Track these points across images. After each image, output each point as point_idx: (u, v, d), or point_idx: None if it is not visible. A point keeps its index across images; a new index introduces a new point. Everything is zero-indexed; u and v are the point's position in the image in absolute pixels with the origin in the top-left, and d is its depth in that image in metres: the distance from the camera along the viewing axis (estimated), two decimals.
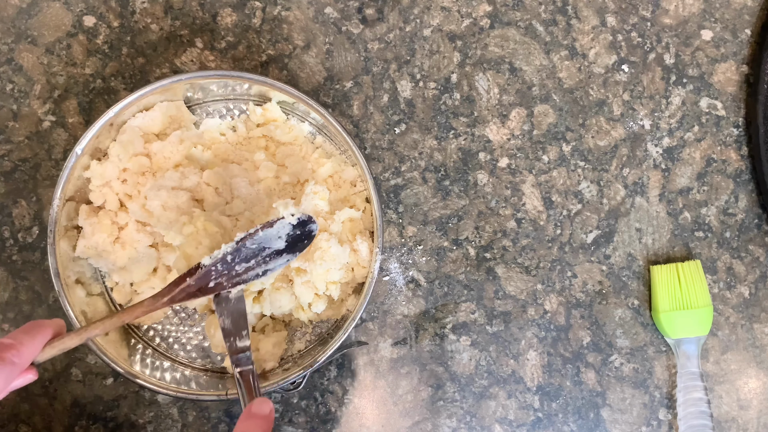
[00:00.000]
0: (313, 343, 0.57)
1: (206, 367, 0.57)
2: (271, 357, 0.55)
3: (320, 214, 0.54)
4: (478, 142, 0.61)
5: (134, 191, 0.54)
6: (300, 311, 0.55)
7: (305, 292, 0.54)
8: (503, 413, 0.60)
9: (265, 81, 0.53)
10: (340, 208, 0.54)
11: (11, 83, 0.59)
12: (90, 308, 0.53)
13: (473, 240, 0.60)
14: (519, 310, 0.60)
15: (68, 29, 0.59)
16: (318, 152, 0.57)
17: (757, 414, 0.61)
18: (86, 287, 0.54)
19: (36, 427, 0.58)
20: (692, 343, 0.59)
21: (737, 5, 0.62)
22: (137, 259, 0.54)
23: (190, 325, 0.57)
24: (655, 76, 0.62)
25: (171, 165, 0.54)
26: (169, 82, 0.52)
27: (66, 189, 0.51)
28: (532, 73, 0.61)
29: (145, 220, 0.54)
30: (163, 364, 0.55)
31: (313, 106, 0.53)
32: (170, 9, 0.60)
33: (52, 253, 0.51)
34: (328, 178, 0.56)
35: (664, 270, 0.59)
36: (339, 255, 0.53)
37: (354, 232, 0.55)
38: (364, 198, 0.56)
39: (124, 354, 0.53)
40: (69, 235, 0.53)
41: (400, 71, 0.61)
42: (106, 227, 0.53)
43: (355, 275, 0.55)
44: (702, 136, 0.62)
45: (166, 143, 0.55)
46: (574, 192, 0.61)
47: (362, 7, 0.61)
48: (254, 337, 0.55)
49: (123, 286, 0.56)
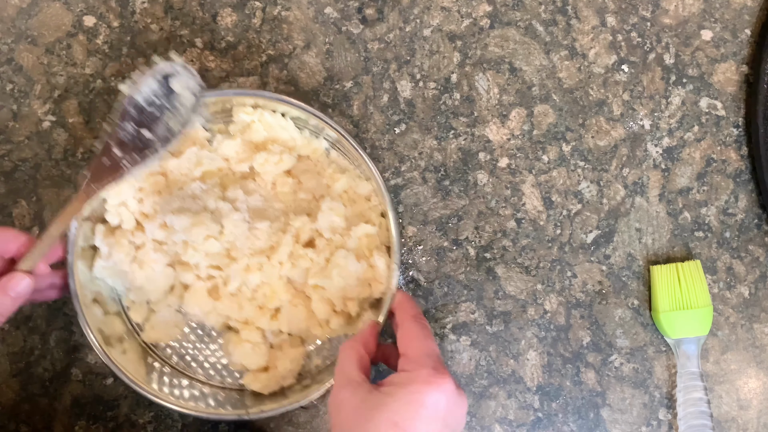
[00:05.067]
0: (330, 359, 0.57)
1: (224, 385, 0.57)
2: (289, 374, 0.55)
3: (337, 231, 0.54)
4: (478, 142, 0.61)
5: (151, 210, 0.53)
6: (317, 328, 0.55)
7: (322, 308, 0.53)
8: (503, 413, 0.60)
9: (280, 98, 0.53)
10: (356, 224, 0.54)
11: (11, 83, 0.59)
12: (107, 327, 0.53)
13: (473, 240, 0.60)
14: (519, 310, 0.60)
15: (68, 29, 0.59)
16: (332, 167, 0.57)
17: (757, 414, 0.61)
18: (103, 306, 0.54)
19: (36, 427, 0.58)
20: (692, 343, 0.59)
21: (737, 5, 0.62)
22: (154, 278, 0.54)
23: (207, 343, 0.57)
24: (655, 76, 0.62)
25: (188, 182, 0.54)
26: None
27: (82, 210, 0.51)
28: (532, 73, 0.61)
29: (162, 239, 0.54)
30: (181, 382, 0.55)
31: (327, 122, 0.52)
32: (170, 9, 0.60)
33: (71, 274, 0.51)
34: (343, 193, 0.56)
35: (664, 270, 0.59)
36: (356, 271, 0.52)
37: (370, 248, 0.54)
38: (379, 212, 0.56)
39: (142, 372, 0.53)
40: (85, 255, 0.53)
41: (400, 71, 0.61)
42: (124, 247, 0.53)
43: (372, 291, 0.54)
44: (702, 136, 0.62)
45: (182, 160, 0.54)
46: (574, 192, 0.61)
47: (362, 7, 0.61)
48: (272, 354, 0.55)
49: (140, 304, 0.56)
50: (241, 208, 0.54)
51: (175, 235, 0.52)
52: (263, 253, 0.54)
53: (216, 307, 0.55)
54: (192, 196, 0.53)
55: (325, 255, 0.54)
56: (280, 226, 0.54)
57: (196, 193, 0.53)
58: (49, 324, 0.58)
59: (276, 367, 0.55)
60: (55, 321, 0.58)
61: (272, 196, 0.55)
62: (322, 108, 0.60)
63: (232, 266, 0.54)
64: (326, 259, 0.54)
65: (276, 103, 0.53)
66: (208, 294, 0.55)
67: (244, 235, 0.53)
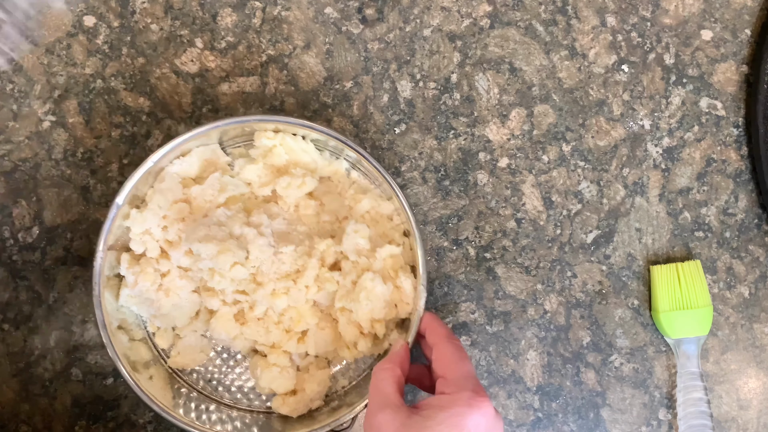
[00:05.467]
0: (356, 379, 0.57)
1: (251, 408, 0.56)
2: (317, 396, 0.55)
3: (362, 253, 0.53)
4: (478, 142, 0.61)
5: (175, 238, 0.53)
6: (345, 350, 0.54)
7: (350, 331, 0.53)
8: (503, 413, 0.60)
9: (302, 123, 0.53)
10: (380, 245, 0.54)
11: (11, 83, 0.59)
12: (133, 353, 0.53)
13: (473, 240, 0.60)
14: (519, 310, 0.60)
15: (68, 29, 0.59)
16: (354, 188, 0.56)
17: (757, 414, 0.61)
18: (128, 333, 0.54)
19: (36, 427, 0.58)
20: (692, 343, 0.59)
21: (737, 5, 0.62)
22: (180, 305, 0.54)
23: (233, 366, 0.57)
24: (655, 76, 0.62)
25: (212, 208, 0.54)
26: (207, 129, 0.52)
27: (108, 239, 0.51)
28: (532, 73, 0.61)
29: (187, 266, 0.54)
30: (208, 407, 0.55)
31: (347, 143, 0.52)
32: (170, 9, 0.60)
33: (98, 305, 0.51)
34: (365, 213, 0.56)
35: (664, 270, 0.59)
36: (383, 293, 0.52)
37: (395, 268, 0.54)
38: (402, 231, 0.56)
39: (169, 398, 0.53)
40: (111, 284, 0.53)
41: (400, 71, 0.61)
42: (150, 275, 0.53)
43: (398, 311, 0.54)
44: (702, 136, 0.62)
45: (205, 187, 0.54)
46: (574, 192, 0.61)
47: (362, 7, 0.61)
48: (299, 377, 0.55)
49: (165, 330, 0.55)
50: (266, 233, 0.53)
51: (200, 262, 0.52)
52: (289, 277, 0.54)
53: (243, 332, 0.54)
54: (217, 223, 0.53)
55: (351, 278, 0.53)
56: (305, 250, 0.54)
57: (221, 219, 0.53)
58: (49, 324, 0.58)
59: (304, 390, 0.55)
60: (55, 321, 0.58)
61: (296, 219, 0.55)
62: (322, 108, 0.60)
63: (258, 291, 0.53)
64: (353, 282, 0.53)
65: (296, 127, 0.53)
66: (234, 319, 0.54)
67: (269, 260, 0.53)
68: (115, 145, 0.59)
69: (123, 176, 0.58)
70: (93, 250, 0.58)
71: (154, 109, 0.59)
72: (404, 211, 0.53)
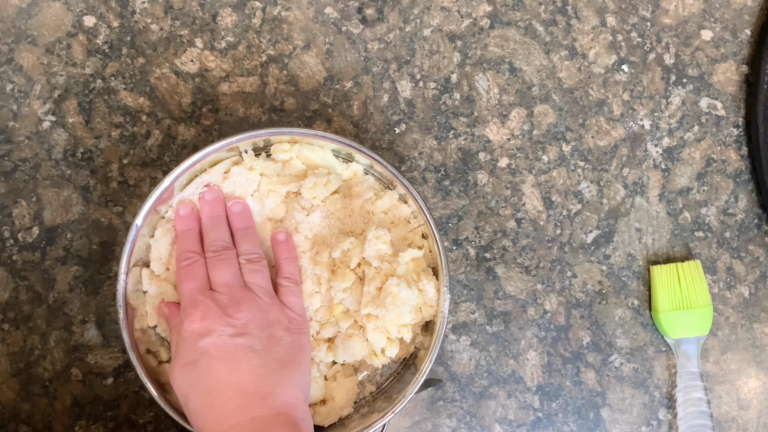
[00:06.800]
0: (382, 384, 0.57)
1: None
2: (346, 404, 0.55)
3: (384, 258, 0.53)
4: (478, 142, 0.61)
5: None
6: (373, 357, 0.54)
7: (378, 337, 0.53)
8: (503, 413, 0.60)
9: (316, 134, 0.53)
10: (402, 249, 0.54)
11: (11, 83, 0.59)
12: (162, 376, 0.53)
13: (473, 240, 0.60)
14: (519, 310, 0.60)
15: (68, 29, 0.59)
16: (372, 190, 0.56)
17: (757, 414, 0.61)
18: (156, 356, 0.54)
19: (36, 427, 0.58)
20: (692, 343, 0.59)
21: (737, 5, 0.62)
22: None
23: None
24: (655, 76, 0.62)
25: None
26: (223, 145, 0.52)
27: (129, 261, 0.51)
28: (532, 73, 0.61)
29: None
30: None
31: (360, 149, 0.53)
32: (170, 9, 0.60)
33: (125, 327, 0.51)
34: (384, 217, 0.55)
35: (664, 270, 0.59)
36: (409, 298, 0.52)
37: (417, 272, 0.54)
38: (420, 234, 0.55)
39: None
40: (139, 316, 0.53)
41: (400, 71, 0.61)
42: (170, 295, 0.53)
43: (423, 314, 0.54)
44: (702, 136, 0.62)
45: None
46: (574, 192, 0.61)
47: (362, 7, 0.61)
48: (327, 386, 0.55)
49: None
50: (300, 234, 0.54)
51: None
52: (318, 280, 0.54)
53: None
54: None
55: (375, 284, 0.53)
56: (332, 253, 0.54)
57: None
58: (49, 324, 0.58)
59: (333, 399, 0.55)
60: (55, 321, 0.58)
61: (324, 217, 0.55)
62: (322, 108, 0.60)
63: None
64: (377, 288, 0.53)
65: (312, 138, 0.53)
66: None
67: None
68: (114, 145, 0.59)
69: (123, 176, 0.58)
70: (93, 250, 0.58)
71: (153, 109, 0.59)
72: (421, 214, 0.53)
